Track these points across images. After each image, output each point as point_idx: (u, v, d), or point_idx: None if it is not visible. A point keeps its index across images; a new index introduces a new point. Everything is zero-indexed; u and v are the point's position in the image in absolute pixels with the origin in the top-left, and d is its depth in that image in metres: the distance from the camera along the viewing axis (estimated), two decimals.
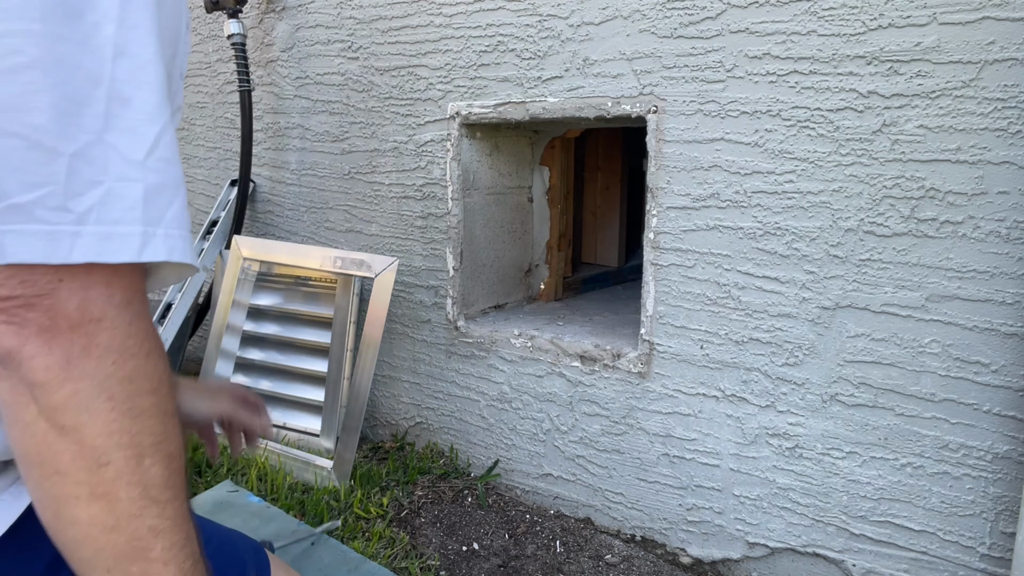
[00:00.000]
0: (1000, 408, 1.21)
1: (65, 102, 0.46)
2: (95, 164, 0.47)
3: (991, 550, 1.26)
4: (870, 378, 1.32)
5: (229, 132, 2.46)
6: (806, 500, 1.43)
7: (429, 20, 1.82)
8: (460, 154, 1.84)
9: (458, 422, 1.97)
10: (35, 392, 0.46)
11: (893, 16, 1.21)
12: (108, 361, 0.48)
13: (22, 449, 0.48)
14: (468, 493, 1.84)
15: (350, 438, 1.87)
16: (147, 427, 0.50)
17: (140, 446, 0.50)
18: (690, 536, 1.60)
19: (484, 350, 1.87)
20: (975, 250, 1.20)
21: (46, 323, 0.46)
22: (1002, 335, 1.20)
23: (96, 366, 0.48)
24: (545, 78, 1.64)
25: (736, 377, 1.47)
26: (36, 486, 0.49)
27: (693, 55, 1.42)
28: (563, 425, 1.75)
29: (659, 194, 1.50)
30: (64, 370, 0.47)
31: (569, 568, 1.56)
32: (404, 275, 2.02)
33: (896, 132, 1.23)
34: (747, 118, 1.37)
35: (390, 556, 1.56)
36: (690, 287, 1.50)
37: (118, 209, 0.48)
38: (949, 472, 1.27)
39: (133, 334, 0.50)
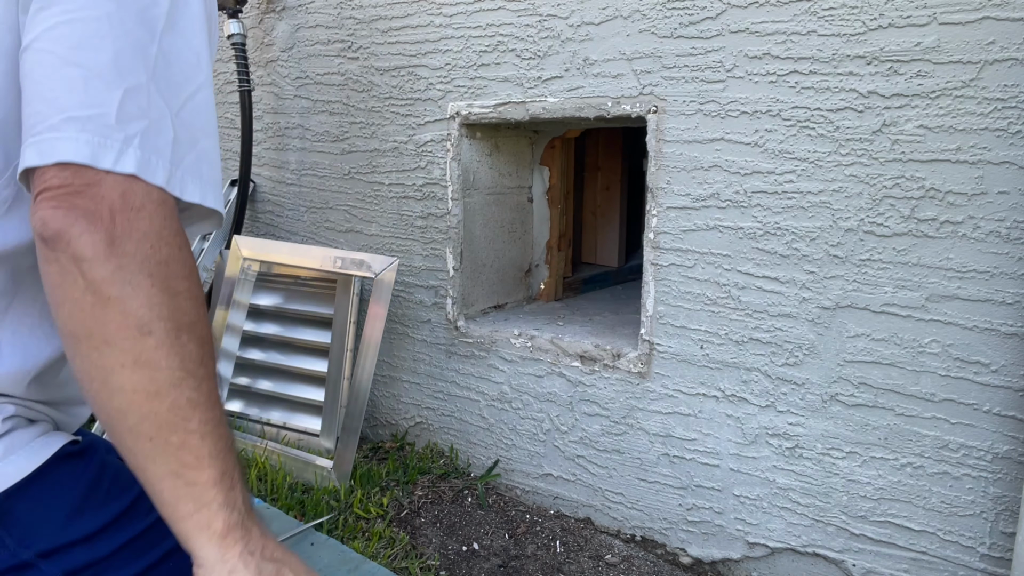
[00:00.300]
0: (1000, 408, 1.21)
1: (124, 49, 0.56)
2: (140, 102, 0.56)
3: (991, 550, 1.26)
4: (870, 378, 1.32)
5: (229, 132, 2.46)
6: (806, 500, 1.43)
7: (429, 20, 1.82)
8: (460, 154, 1.84)
9: (458, 422, 1.97)
10: (82, 267, 0.52)
11: (893, 16, 1.21)
12: (147, 244, 0.54)
13: (72, 325, 0.54)
14: (468, 493, 1.84)
15: (350, 438, 1.87)
16: (182, 307, 0.56)
17: (178, 321, 0.55)
18: (690, 536, 1.60)
19: (484, 350, 1.87)
20: (975, 250, 1.20)
21: (92, 207, 0.53)
22: (1002, 335, 1.20)
23: (136, 247, 0.54)
24: (545, 78, 1.64)
25: (736, 377, 1.47)
26: (84, 358, 0.54)
27: (693, 55, 1.42)
28: (563, 425, 1.75)
29: (659, 194, 1.50)
30: (108, 247, 0.52)
31: (569, 568, 1.56)
32: (404, 275, 2.02)
33: (896, 132, 1.23)
34: (747, 118, 1.37)
35: (390, 556, 1.56)
36: (690, 287, 1.50)
37: (154, 142, 0.56)
38: (949, 472, 1.27)
39: (168, 227, 0.56)
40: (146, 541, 0.71)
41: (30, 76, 0.55)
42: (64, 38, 0.55)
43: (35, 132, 0.54)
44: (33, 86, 0.55)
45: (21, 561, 0.63)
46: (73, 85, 0.54)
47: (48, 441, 0.68)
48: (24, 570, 0.63)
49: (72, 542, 0.66)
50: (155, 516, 0.70)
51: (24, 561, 0.63)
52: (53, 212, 0.52)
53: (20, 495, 0.64)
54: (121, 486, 0.72)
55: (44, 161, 0.53)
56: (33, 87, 0.55)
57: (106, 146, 0.54)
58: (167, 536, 0.70)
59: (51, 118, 0.53)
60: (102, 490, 0.70)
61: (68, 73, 0.54)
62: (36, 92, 0.55)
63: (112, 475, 0.73)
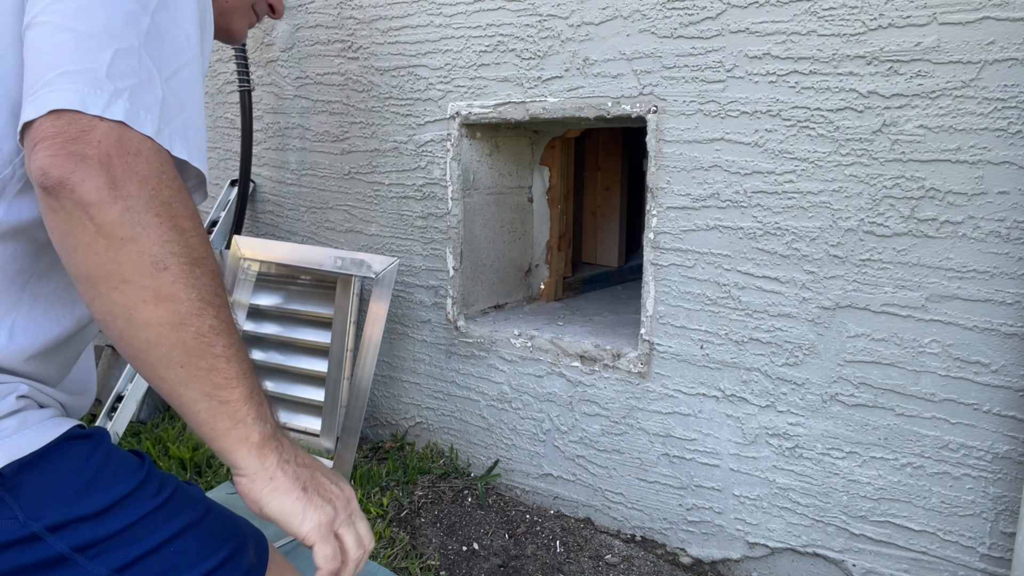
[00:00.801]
0: (1000, 408, 1.21)
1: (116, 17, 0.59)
2: (131, 63, 0.59)
3: (991, 550, 1.26)
4: (870, 378, 1.32)
5: (229, 132, 2.46)
6: (806, 500, 1.43)
7: (429, 20, 1.82)
8: (460, 154, 1.84)
9: (458, 422, 1.97)
10: (90, 211, 0.54)
11: (893, 16, 1.21)
12: (148, 186, 0.57)
13: (87, 269, 0.56)
14: (468, 493, 1.84)
15: (350, 438, 1.87)
16: (192, 243, 0.59)
17: (190, 256, 0.58)
18: (690, 536, 1.60)
19: (484, 350, 1.87)
20: (975, 250, 1.20)
21: (90, 152, 0.55)
22: (1002, 335, 1.20)
23: (139, 189, 0.56)
24: (545, 78, 1.64)
25: (736, 377, 1.47)
26: (106, 299, 0.57)
27: (693, 55, 1.42)
28: (563, 425, 1.75)
29: (659, 194, 1.50)
30: (112, 189, 0.55)
31: (569, 568, 1.56)
32: (404, 275, 2.02)
33: (896, 132, 1.23)
34: (747, 118, 1.37)
35: (390, 556, 1.56)
36: (690, 287, 1.50)
37: (143, 98, 0.58)
38: (949, 472, 1.27)
39: (166, 171, 0.59)
40: (150, 524, 0.72)
41: (31, 46, 0.58)
42: (60, 9, 0.58)
43: (31, 91, 0.56)
44: (32, 54, 0.58)
45: (30, 532, 0.65)
46: (66, 46, 0.57)
47: (59, 422, 0.70)
48: (32, 542, 0.65)
49: (79, 518, 0.67)
50: (159, 501, 0.73)
51: (32, 532, 0.65)
52: (52, 160, 0.54)
53: (32, 468, 0.66)
54: (127, 470, 0.74)
55: (39, 112, 0.55)
56: (32, 55, 0.58)
57: (96, 95, 0.56)
58: (170, 521, 0.73)
59: (46, 76, 0.56)
60: (109, 472, 0.72)
61: (62, 37, 0.57)
62: (34, 58, 0.58)
63: (119, 460, 0.74)
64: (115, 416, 2.02)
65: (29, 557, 0.65)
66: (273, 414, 0.66)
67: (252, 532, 0.84)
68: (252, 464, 0.64)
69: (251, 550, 0.80)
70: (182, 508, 0.76)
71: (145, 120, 0.58)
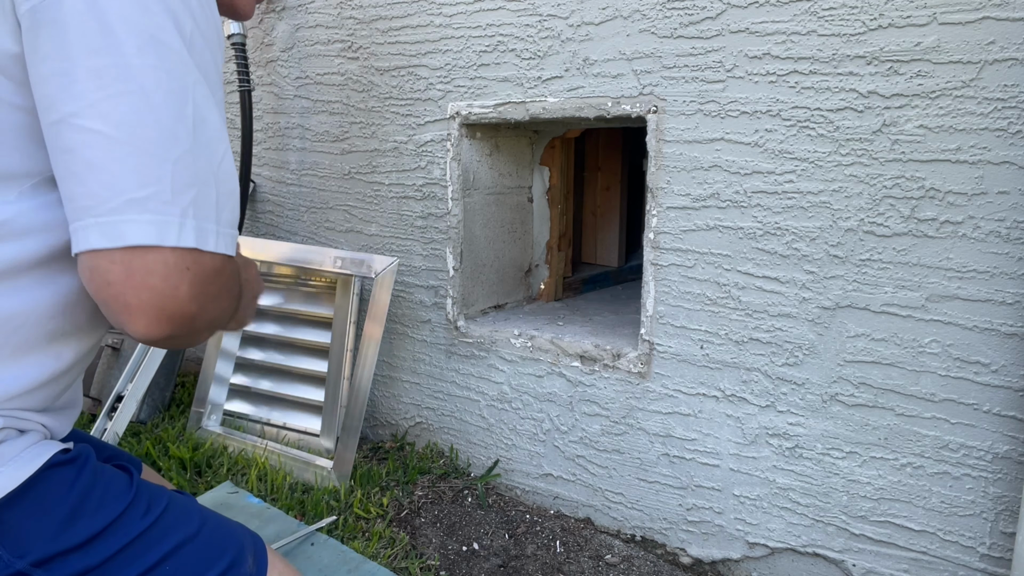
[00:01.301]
0: (1000, 408, 1.21)
1: (166, 119, 0.59)
2: (188, 170, 0.60)
3: (991, 550, 1.26)
4: (870, 378, 1.32)
5: (229, 132, 2.45)
6: (806, 500, 1.43)
7: (429, 20, 1.82)
8: (460, 154, 1.84)
9: (458, 422, 1.97)
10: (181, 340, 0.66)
11: (893, 16, 1.21)
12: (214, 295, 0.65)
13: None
14: (468, 493, 1.84)
15: (350, 438, 1.87)
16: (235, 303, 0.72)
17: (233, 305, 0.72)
18: (690, 536, 1.60)
19: (484, 350, 1.87)
20: (975, 250, 1.20)
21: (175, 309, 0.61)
22: (1002, 335, 1.20)
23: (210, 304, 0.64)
24: (545, 78, 1.64)
25: (736, 377, 1.47)
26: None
27: (693, 55, 1.42)
28: (563, 425, 1.75)
29: (659, 194, 1.50)
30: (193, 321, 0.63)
31: (569, 568, 1.56)
32: (404, 275, 2.02)
33: (896, 132, 1.23)
34: (747, 118, 1.37)
35: (390, 556, 1.56)
36: (690, 287, 1.50)
37: (204, 208, 0.61)
38: (949, 472, 1.27)
39: (221, 275, 0.65)
40: (142, 545, 0.71)
41: (79, 155, 0.57)
42: (106, 116, 0.57)
43: (94, 213, 0.57)
44: (82, 166, 0.57)
45: (15, 571, 0.64)
46: (126, 165, 0.57)
47: (39, 451, 0.68)
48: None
49: (66, 550, 0.66)
50: (150, 520, 0.72)
51: (18, 571, 0.64)
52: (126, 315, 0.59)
53: (12, 505, 0.64)
54: (114, 492, 0.73)
55: (112, 244, 0.57)
56: (82, 167, 0.57)
57: (168, 225, 0.59)
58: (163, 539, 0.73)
59: (110, 200, 0.57)
60: (95, 496, 0.71)
61: (119, 153, 0.57)
62: (86, 173, 0.57)
63: (105, 481, 0.73)
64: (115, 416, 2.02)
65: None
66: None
67: (250, 539, 0.83)
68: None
69: (249, 559, 0.80)
70: (175, 524, 0.75)
71: (208, 235, 0.62)
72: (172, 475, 1.86)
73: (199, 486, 1.84)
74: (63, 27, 0.57)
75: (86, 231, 0.58)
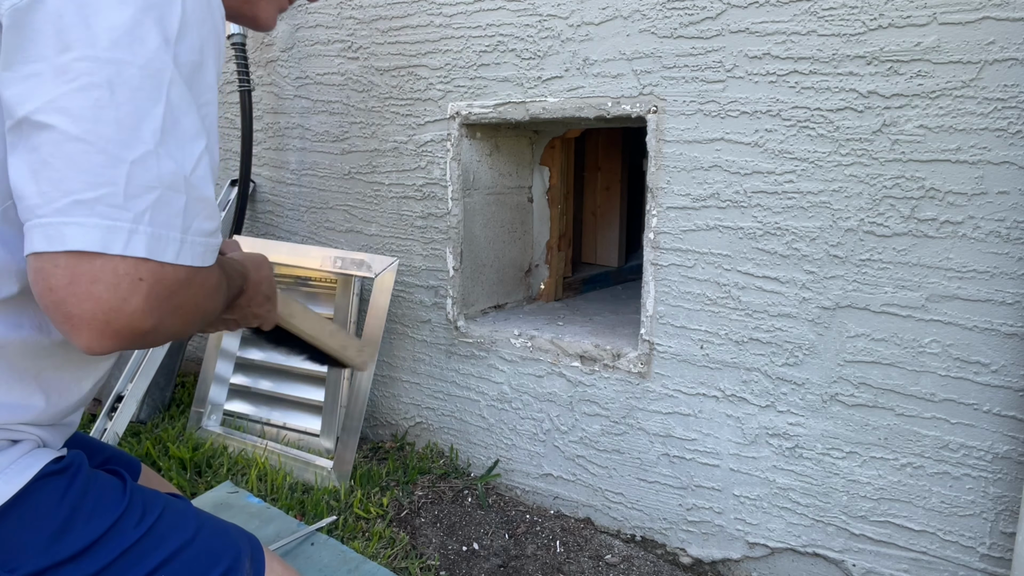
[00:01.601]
0: (1000, 408, 1.21)
1: (128, 117, 0.54)
2: (150, 173, 0.55)
3: (991, 550, 1.26)
4: (870, 378, 1.32)
5: (229, 132, 2.46)
6: (806, 500, 1.43)
7: (429, 20, 1.82)
8: (460, 154, 1.84)
9: (458, 422, 1.97)
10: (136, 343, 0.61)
11: (893, 16, 1.21)
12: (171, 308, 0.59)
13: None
14: (468, 493, 1.84)
15: (350, 438, 1.87)
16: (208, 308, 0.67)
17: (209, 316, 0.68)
18: (690, 536, 1.60)
19: (484, 350, 1.87)
20: (975, 250, 1.20)
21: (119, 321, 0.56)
22: (1002, 335, 1.20)
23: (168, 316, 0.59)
24: (545, 78, 1.64)
25: (736, 377, 1.47)
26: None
27: (693, 55, 1.42)
28: (563, 425, 1.75)
29: (659, 194, 1.50)
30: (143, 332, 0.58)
31: (569, 568, 1.56)
32: (404, 275, 2.02)
33: (896, 132, 1.23)
34: (747, 118, 1.37)
35: (390, 556, 1.56)
36: (690, 287, 1.50)
37: (165, 215, 0.56)
38: (949, 472, 1.27)
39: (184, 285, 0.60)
40: (137, 554, 0.71)
41: (35, 151, 0.53)
42: (66, 109, 0.53)
43: (38, 213, 0.53)
44: (37, 163, 0.53)
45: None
46: (78, 163, 0.53)
47: (30, 462, 0.67)
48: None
49: (59, 562, 0.66)
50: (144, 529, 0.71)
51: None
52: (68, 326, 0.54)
53: (3, 518, 0.64)
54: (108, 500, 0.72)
55: (52, 247, 0.52)
56: (37, 164, 0.53)
57: (115, 230, 0.53)
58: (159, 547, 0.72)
59: (57, 200, 0.52)
60: (87, 506, 0.70)
61: (71, 149, 0.52)
62: (39, 171, 0.53)
63: (97, 490, 0.72)
64: (115, 416, 2.02)
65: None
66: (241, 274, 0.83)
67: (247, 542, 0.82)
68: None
69: (246, 562, 0.79)
70: (170, 531, 0.74)
71: (165, 245, 0.56)
72: (172, 475, 1.86)
73: (199, 486, 1.84)
74: (39, 26, 0.54)
75: (30, 232, 0.53)
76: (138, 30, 0.55)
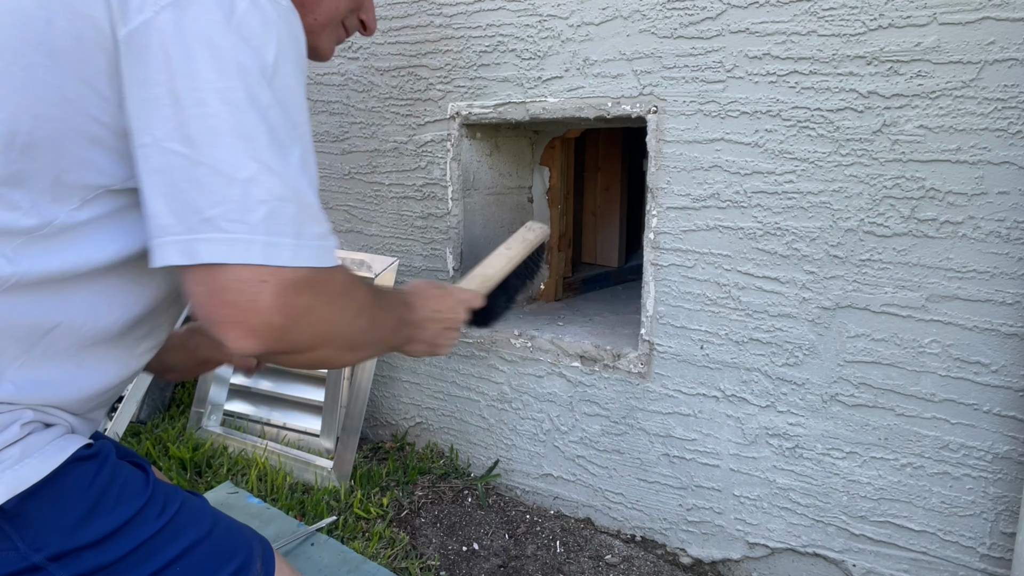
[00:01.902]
0: (1000, 408, 1.21)
1: (239, 140, 0.62)
2: (262, 187, 0.62)
3: (991, 550, 1.26)
4: (870, 378, 1.32)
5: None
6: (806, 500, 1.43)
7: (429, 20, 1.82)
8: (460, 154, 1.84)
9: (458, 422, 1.97)
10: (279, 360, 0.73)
11: (893, 16, 1.21)
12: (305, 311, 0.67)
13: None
14: (468, 493, 1.84)
15: (350, 438, 1.87)
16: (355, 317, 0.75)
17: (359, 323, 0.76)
18: (690, 536, 1.60)
19: (484, 350, 1.87)
20: (975, 250, 1.20)
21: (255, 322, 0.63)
22: (1002, 335, 1.20)
23: (304, 324, 0.67)
24: (545, 78, 1.64)
25: (736, 377, 1.47)
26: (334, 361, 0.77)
27: (693, 55, 1.42)
28: (563, 425, 1.75)
29: (659, 194, 1.50)
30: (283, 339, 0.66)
31: (569, 568, 1.56)
32: (404, 275, 2.02)
33: (896, 132, 1.23)
34: (747, 118, 1.37)
35: (390, 556, 1.56)
36: (690, 287, 1.50)
37: (278, 224, 0.63)
38: (949, 472, 1.27)
39: (310, 285, 0.66)
40: (155, 545, 0.72)
41: (162, 173, 0.61)
42: (188, 139, 0.60)
43: (172, 232, 0.61)
44: (165, 186, 0.61)
45: (31, 564, 0.64)
46: (202, 184, 0.60)
47: (63, 445, 0.69)
48: (33, 573, 0.64)
49: (82, 546, 0.67)
50: (164, 521, 0.74)
51: (34, 564, 0.64)
52: (219, 332, 0.62)
53: (34, 498, 0.65)
54: (132, 490, 0.73)
55: (187, 261, 0.61)
56: (165, 187, 0.61)
57: (236, 240, 0.61)
58: (175, 540, 0.74)
59: (187, 220, 0.60)
60: (113, 494, 0.71)
61: (195, 173, 0.60)
62: (169, 193, 0.61)
63: (123, 479, 0.74)
64: (115, 416, 2.02)
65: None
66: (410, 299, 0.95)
67: (259, 543, 0.84)
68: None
69: (258, 562, 0.80)
70: (188, 525, 0.76)
71: (282, 249, 0.63)
72: (172, 475, 1.87)
73: (199, 486, 1.84)
74: (153, 52, 0.61)
75: (164, 248, 0.61)
76: (242, 58, 0.63)
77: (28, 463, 0.65)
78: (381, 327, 0.81)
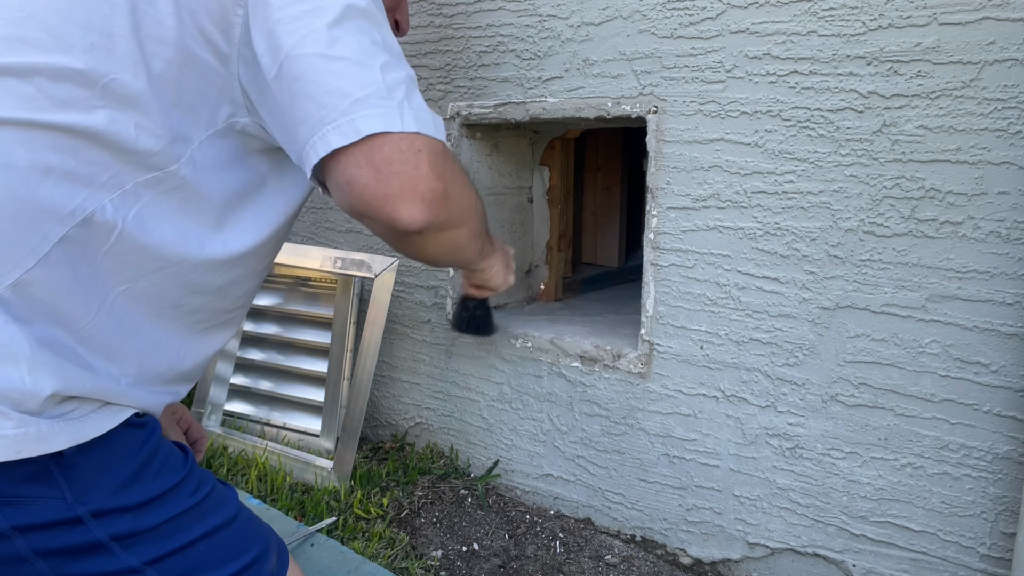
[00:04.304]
0: (1000, 408, 1.21)
1: (364, 36, 0.70)
2: (395, 72, 0.71)
3: (991, 550, 1.26)
4: (870, 378, 1.32)
5: None
6: (806, 500, 1.43)
7: (429, 20, 1.82)
8: (460, 154, 1.84)
9: (458, 422, 1.97)
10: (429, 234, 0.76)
11: (893, 16, 1.21)
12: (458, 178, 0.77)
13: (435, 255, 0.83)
14: (468, 493, 1.84)
15: (350, 438, 1.87)
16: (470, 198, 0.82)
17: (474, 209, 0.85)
18: (690, 536, 1.60)
19: (484, 350, 1.87)
20: (975, 250, 1.20)
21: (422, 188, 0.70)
22: (1002, 335, 1.20)
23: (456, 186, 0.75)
24: (545, 78, 1.64)
25: (736, 377, 1.47)
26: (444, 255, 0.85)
27: (693, 55, 1.42)
28: (563, 425, 1.75)
29: (659, 194, 1.50)
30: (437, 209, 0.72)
31: (569, 568, 1.56)
32: (404, 275, 2.02)
33: (896, 132, 1.23)
34: (747, 118, 1.37)
35: (390, 556, 1.56)
36: (690, 287, 1.50)
37: (416, 100, 0.71)
38: (949, 472, 1.27)
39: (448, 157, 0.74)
40: (184, 521, 0.75)
41: (306, 78, 0.67)
42: (317, 42, 0.67)
43: (327, 120, 0.66)
44: (307, 86, 0.67)
45: (74, 515, 0.67)
46: (344, 74, 0.67)
47: (121, 409, 0.73)
48: (74, 525, 0.67)
49: (123, 508, 0.70)
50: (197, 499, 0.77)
51: (77, 516, 0.67)
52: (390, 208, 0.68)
53: (89, 451, 0.68)
54: (172, 464, 0.77)
55: (348, 139, 0.66)
56: (308, 87, 0.67)
57: (389, 115, 0.67)
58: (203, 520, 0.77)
59: (340, 104, 0.66)
60: (156, 464, 0.74)
61: (335, 67, 0.67)
62: (311, 91, 0.67)
63: (165, 453, 0.77)
64: None
65: (69, 540, 0.67)
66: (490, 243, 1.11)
67: (276, 539, 0.86)
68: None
69: (273, 557, 0.83)
70: (215, 508, 0.79)
71: (425, 122, 0.70)
72: None
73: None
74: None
75: (325, 137, 0.66)
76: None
77: (92, 418, 0.69)
78: (483, 218, 0.91)
